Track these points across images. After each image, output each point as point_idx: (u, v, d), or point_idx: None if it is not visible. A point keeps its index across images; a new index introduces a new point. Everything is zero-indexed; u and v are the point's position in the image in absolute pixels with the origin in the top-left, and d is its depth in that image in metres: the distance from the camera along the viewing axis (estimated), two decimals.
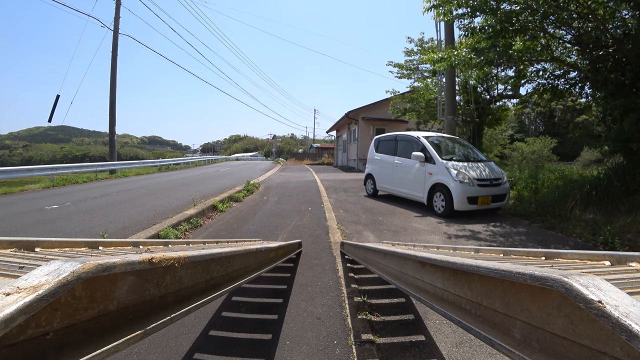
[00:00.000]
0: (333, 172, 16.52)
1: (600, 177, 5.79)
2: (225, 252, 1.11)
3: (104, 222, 4.57)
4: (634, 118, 5.12)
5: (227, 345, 1.79)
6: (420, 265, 1.06)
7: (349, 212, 5.80)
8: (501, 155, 18.69)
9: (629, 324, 0.37)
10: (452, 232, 4.53)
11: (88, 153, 46.14)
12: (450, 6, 6.02)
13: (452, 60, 6.59)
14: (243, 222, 4.97)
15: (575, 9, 5.46)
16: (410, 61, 12.26)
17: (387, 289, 2.50)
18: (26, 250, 1.01)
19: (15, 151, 54.30)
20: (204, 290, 0.95)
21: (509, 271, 0.56)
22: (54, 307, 0.44)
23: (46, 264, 0.48)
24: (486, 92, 10.65)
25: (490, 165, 6.10)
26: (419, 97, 11.08)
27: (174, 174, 14.30)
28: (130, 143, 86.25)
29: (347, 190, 8.66)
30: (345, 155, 22.70)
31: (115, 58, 14.70)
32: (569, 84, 7.14)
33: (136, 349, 1.72)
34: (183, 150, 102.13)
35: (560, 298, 0.47)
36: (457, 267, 0.76)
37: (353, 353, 1.71)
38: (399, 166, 6.74)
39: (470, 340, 1.86)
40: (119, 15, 14.58)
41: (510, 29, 5.59)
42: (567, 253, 1.13)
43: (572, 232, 4.38)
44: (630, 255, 0.97)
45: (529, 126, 31.30)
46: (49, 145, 57.39)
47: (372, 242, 3.59)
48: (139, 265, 0.59)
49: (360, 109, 18.23)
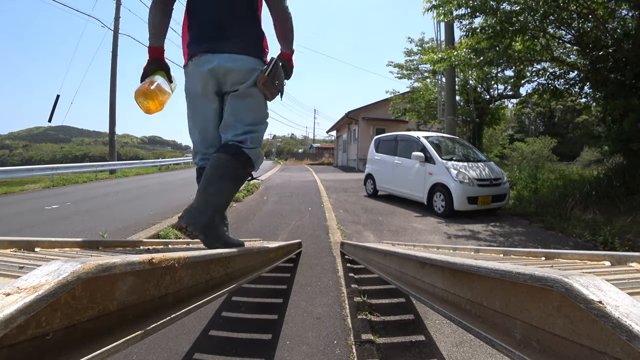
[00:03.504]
0: (333, 172, 16.53)
1: (600, 177, 5.80)
2: (225, 252, 1.11)
3: (104, 222, 4.56)
4: (634, 118, 5.12)
5: (227, 345, 1.79)
6: (420, 265, 1.06)
7: (349, 212, 5.80)
8: (501, 155, 18.68)
9: (629, 324, 0.37)
10: (452, 232, 4.53)
11: (88, 153, 46.15)
12: (450, 7, 6.02)
13: (452, 61, 6.60)
14: (243, 222, 4.97)
15: (575, 9, 5.46)
16: (411, 61, 12.26)
17: (387, 289, 2.50)
18: (26, 250, 1.01)
19: (15, 151, 54.33)
20: (204, 291, 0.95)
21: (509, 271, 0.56)
22: (54, 307, 0.44)
23: (46, 264, 0.48)
24: (486, 92, 10.65)
25: (490, 165, 6.11)
26: (419, 98, 11.08)
27: (174, 174, 14.31)
28: (130, 143, 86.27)
29: (347, 190, 8.66)
30: (345, 155, 22.71)
31: (116, 58, 14.70)
32: (568, 84, 7.14)
33: (136, 349, 1.73)
34: (183, 150, 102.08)
35: (561, 298, 0.47)
36: (457, 268, 0.76)
37: (353, 353, 1.71)
38: (399, 166, 6.74)
39: (471, 340, 1.86)
40: (119, 15, 14.58)
41: (510, 29, 5.59)
42: (567, 253, 1.13)
43: (572, 232, 4.38)
44: (630, 256, 0.97)
45: (529, 126, 31.30)
46: (49, 145, 57.42)
47: (372, 242, 3.59)
48: (139, 266, 0.59)
49: (360, 109, 18.23)
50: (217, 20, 1.36)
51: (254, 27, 1.42)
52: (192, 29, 1.41)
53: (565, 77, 7.20)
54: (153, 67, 1.37)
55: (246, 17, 1.40)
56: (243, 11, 1.39)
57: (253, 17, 1.42)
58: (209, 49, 1.34)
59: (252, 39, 1.40)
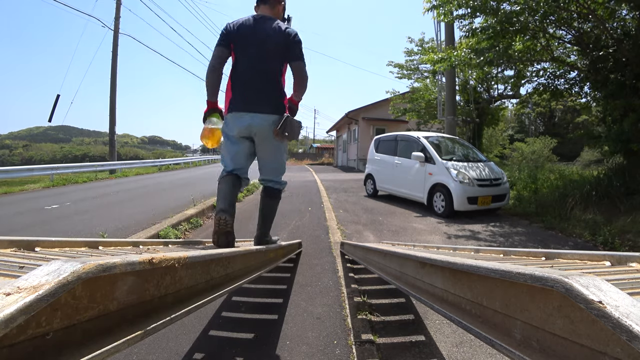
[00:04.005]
0: (333, 172, 16.53)
1: (600, 177, 5.79)
2: (226, 252, 1.11)
3: (104, 222, 4.56)
4: (634, 118, 5.12)
5: (227, 345, 1.79)
6: (420, 265, 1.06)
7: (349, 212, 5.80)
8: (501, 155, 18.69)
9: (629, 324, 0.37)
10: (452, 232, 4.53)
11: (88, 153, 46.09)
12: (450, 7, 6.02)
13: (452, 61, 6.59)
14: (243, 222, 4.97)
15: (575, 9, 5.46)
16: (411, 61, 12.27)
17: (387, 289, 2.50)
18: (26, 250, 1.01)
19: (15, 151, 54.23)
20: (204, 291, 0.95)
21: (509, 271, 0.56)
22: (54, 307, 0.44)
23: (46, 264, 0.48)
24: (486, 92, 10.65)
25: (490, 165, 6.10)
26: (419, 98, 11.07)
27: (174, 174, 14.31)
28: (130, 143, 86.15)
29: (347, 190, 8.66)
30: (345, 155, 22.70)
31: (116, 58, 14.70)
32: (568, 84, 7.14)
33: (136, 349, 1.72)
34: (183, 150, 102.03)
35: (561, 298, 0.47)
36: (457, 268, 0.76)
37: (353, 353, 1.71)
38: (399, 166, 6.74)
39: (471, 340, 1.86)
40: (119, 15, 14.58)
41: (510, 29, 5.59)
42: (567, 253, 1.13)
43: (572, 232, 4.38)
44: (630, 256, 0.97)
45: (529, 126, 31.29)
46: (49, 145, 57.31)
47: (372, 242, 3.59)
48: (139, 266, 0.59)
49: (360, 109, 18.22)
50: (252, 87, 1.86)
51: (279, 92, 1.92)
52: (234, 90, 1.90)
53: (565, 77, 7.20)
54: (211, 112, 1.93)
55: (273, 84, 1.89)
56: (271, 80, 1.89)
57: (279, 83, 1.92)
58: (245, 109, 1.85)
59: (276, 101, 1.89)
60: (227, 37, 1.88)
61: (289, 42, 1.89)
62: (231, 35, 1.88)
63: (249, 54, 1.87)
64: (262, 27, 1.88)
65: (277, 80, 1.90)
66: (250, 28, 1.88)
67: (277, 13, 2.03)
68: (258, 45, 1.86)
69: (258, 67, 1.86)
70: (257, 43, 1.86)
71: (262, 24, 1.89)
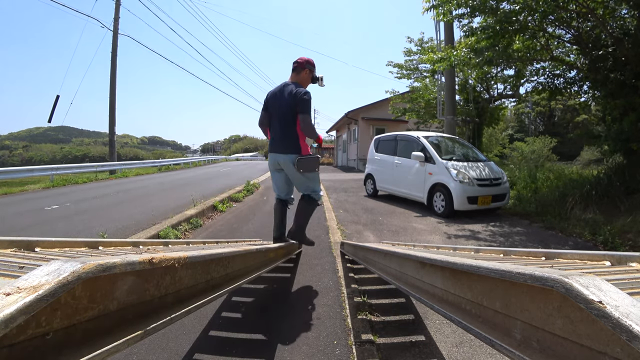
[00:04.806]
0: (333, 172, 16.53)
1: (600, 177, 5.79)
2: (225, 252, 1.11)
3: (104, 222, 4.56)
4: (634, 118, 5.12)
5: (227, 345, 1.79)
6: (420, 265, 1.06)
7: (349, 212, 5.80)
8: (501, 155, 18.67)
9: (629, 324, 0.37)
10: (452, 232, 4.53)
11: (88, 153, 46.12)
12: (450, 6, 6.01)
13: (452, 60, 6.59)
14: (243, 222, 4.97)
15: (575, 9, 5.46)
16: (410, 61, 12.25)
17: (387, 289, 2.50)
18: (26, 250, 1.01)
19: (15, 151, 54.25)
20: (204, 291, 0.95)
21: (509, 271, 0.56)
22: (54, 307, 0.44)
23: (46, 264, 0.48)
24: (486, 91, 10.64)
25: (490, 165, 6.10)
26: (419, 97, 11.06)
27: (174, 174, 14.30)
28: (130, 143, 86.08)
29: (347, 190, 8.66)
30: (345, 155, 22.69)
31: (115, 58, 14.69)
32: (568, 83, 7.14)
33: (136, 349, 1.73)
34: (183, 150, 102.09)
35: (561, 298, 0.47)
36: (457, 267, 0.76)
37: (353, 353, 1.71)
38: (399, 166, 6.73)
39: (471, 340, 1.86)
40: (118, 15, 14.58)
41: (509, 28, 5.59)
42: (567, 253, 1.13)
43: (572, 232, 4.38)
44: (631, 256, 0.97)
45: (529, 126, 31.28)
46: (49, 146, 57.31)
47: (372, 242, 3.59)
48: (139, 266, 0.59)
49: (360, 109, 18.21)
50: (277, 136, 2.62)
51: (295, 136, 2.57)
52: (271, 137, 2.71)
53: (564, 76, 7.20)
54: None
55: (291, 132, 2.56)
56: (289, 129, 2.56)
57: (294, 130, 2.56)
58: (274, 150, 2.64)
59: (294, 143, 2.57)
60: (265, 103, 2.72)
61: (297, 101, 2.49)
62: (266, 101, 2.71)
63: (275, 113, 2.63)
64: (282, 93, 2.58)
65: (292, 129, 2.56)
66: (276, 95, 2.63)
67: (302, 77, 2.67)
68: (279, 106, 2.58)
69: (280, 121, 2.58)
70: (278, 105, 2.58)
71: (283, 90, 2.58)
